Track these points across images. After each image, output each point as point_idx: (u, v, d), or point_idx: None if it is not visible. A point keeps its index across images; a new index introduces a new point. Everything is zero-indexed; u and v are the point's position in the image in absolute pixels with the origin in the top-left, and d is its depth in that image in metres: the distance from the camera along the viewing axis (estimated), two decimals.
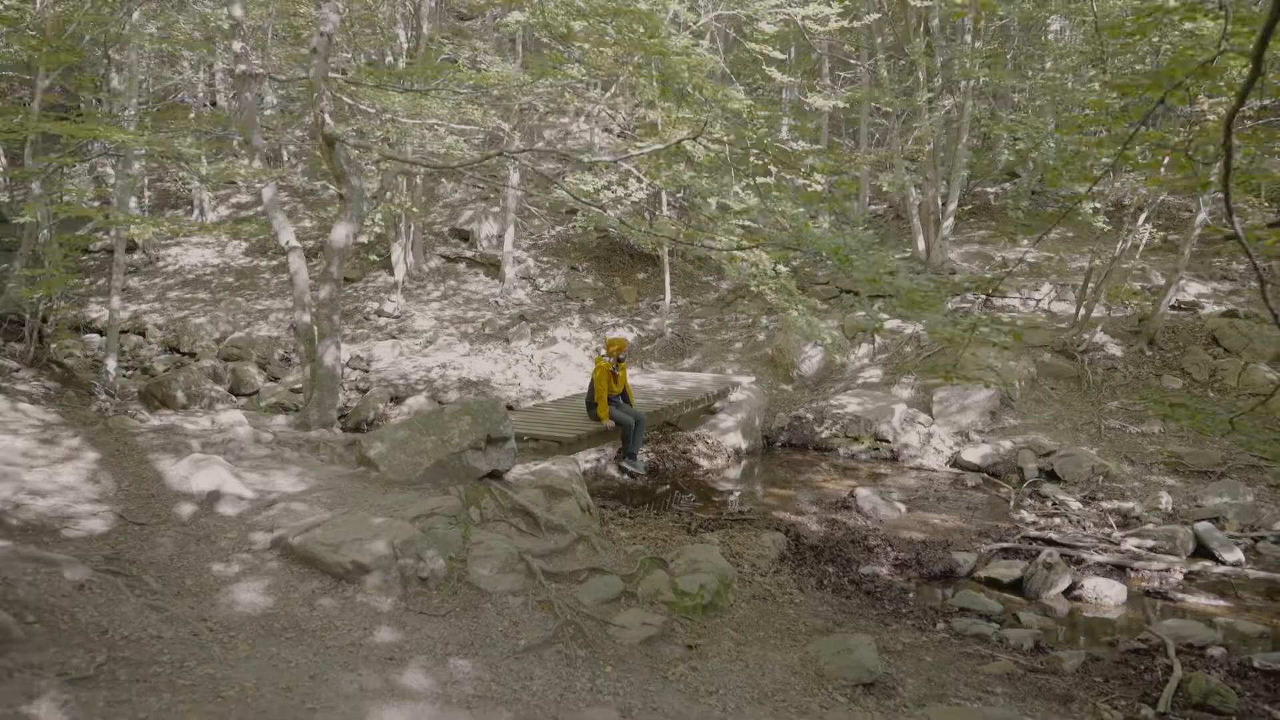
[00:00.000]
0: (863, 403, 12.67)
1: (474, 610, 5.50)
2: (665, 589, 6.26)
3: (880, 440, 12.15)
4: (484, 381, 15.33)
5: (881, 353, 14.23)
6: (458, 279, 20.06)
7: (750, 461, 12.16)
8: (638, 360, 16.12)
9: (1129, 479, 10.18)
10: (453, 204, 23.08)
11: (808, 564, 7.91)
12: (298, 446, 8.01)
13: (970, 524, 9.26)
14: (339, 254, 9.36)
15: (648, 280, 19.76)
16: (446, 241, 21.40)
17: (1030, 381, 12.62)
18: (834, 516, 9.37)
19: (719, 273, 20.09)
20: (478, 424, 7.16)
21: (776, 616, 6.51)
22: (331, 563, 5.52)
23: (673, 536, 8.16)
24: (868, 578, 7.72)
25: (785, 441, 12.79)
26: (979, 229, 18.17)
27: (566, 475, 7.76)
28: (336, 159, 8.98)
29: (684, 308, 18.09)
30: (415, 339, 17.17)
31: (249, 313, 18.84)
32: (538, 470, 8.05)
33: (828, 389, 13.75)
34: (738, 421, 12.36)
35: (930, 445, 11.91)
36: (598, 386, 9.71)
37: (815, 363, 14.04)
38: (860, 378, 13.85)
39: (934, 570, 7.95)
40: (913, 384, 13.17)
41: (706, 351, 15.84)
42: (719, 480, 11.20)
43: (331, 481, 7.06)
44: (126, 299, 20.52)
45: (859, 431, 12.31)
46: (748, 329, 16.27)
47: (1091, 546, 8.33)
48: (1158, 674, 5.92)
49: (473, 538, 6.22)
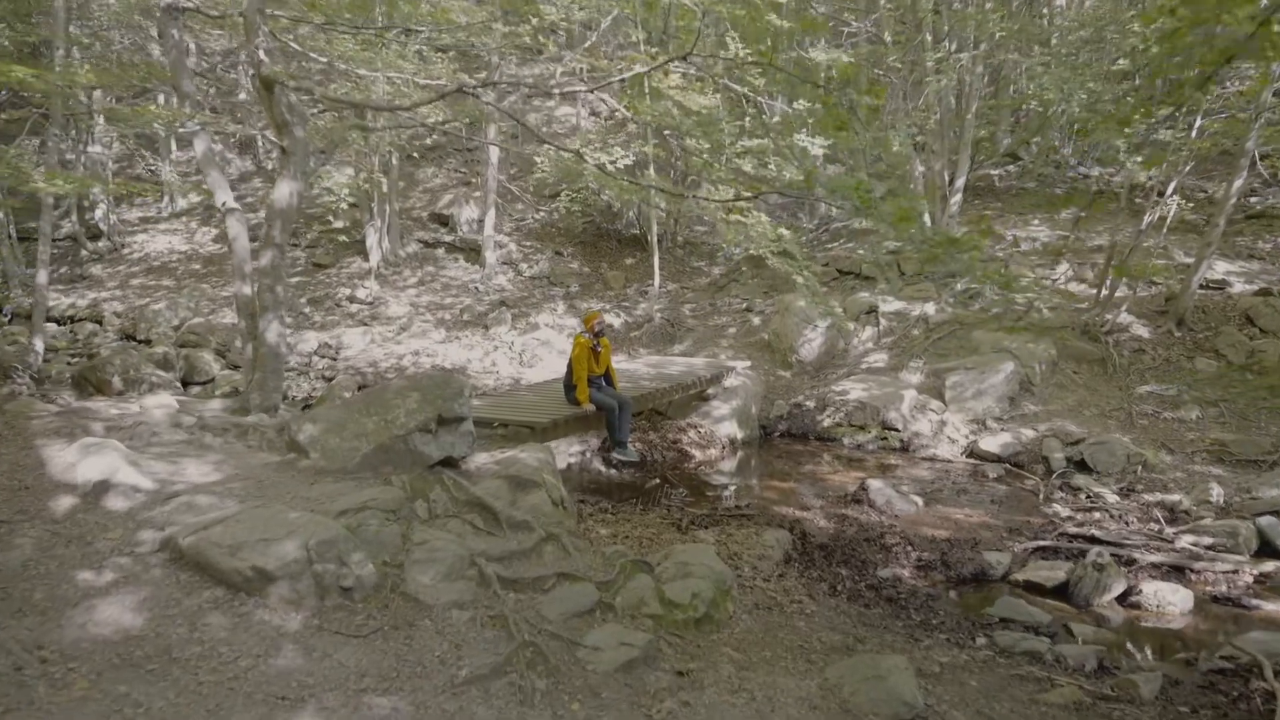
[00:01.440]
0: (868, 389, 11.50)
1: (407, 629, 4.30)
2: (650, 599, 5.07)
3: (889, 429, 10.98)
4: (459, 369, 14.13)
5: (887, 335, 13.07)
6: (436, 265, 18.84)
7: (747, 452, 10.99)
8: (625, 346, 14.93)
9: (1169, 469, 9.04)
10: (433, 189, 21.86)
11: (817, 566, 6.73)
12: (223, 431, 6.80)
13: (998, 519, 8.10)
14: (281, 216, 8.14)
15: (636, 266, 18.59)
16: (426, 227, 20.18)
17: (1051, 364, 11.47)
18: (844, 512, 8.20)
19: (710, 258, 18.95)
20: (427, 402, 5.96)
21: (785, 631, 5.33)
22: (227, 569, 4.32)
23: (661, 535, 6.97)
24: (888, 582, 6.54)
25: (784, 431, 11.62)
26: (984, 209, 17.03)
27: (536, 464, 6.56)
28: (276, 105, 7.76)
29: (674, 293, 16.91)
30: (388, 326, 15.95)
31: (213, 299, 17.57)
32: (504, 459, 6.85)
33: (829, 375, 12.59)
34: (733, 409, 11.19)
35: (944, 434, 10.75)
36: (576, 366, 8.52)
37: (816, 346, 12.86)
38: (864, 362, 12.69)
39: (964, 573, 6.78)
40: (922, 368, 12.02)
41: (698, 337, 14.66)
42: (713, 473, 10.02)
43: (254, 470, 5.85)
44: (88, 286, 19.28)
45: (865, 420, 11.14)
46: (742, 313, 15.09)
47: (1141, 545, 7.18)
48: (1255, 701, 4.76)
49: (415, 537, 5.02)
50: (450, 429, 6.04)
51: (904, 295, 13.89)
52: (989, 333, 12.07)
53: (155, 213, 22.88)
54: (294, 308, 17.04)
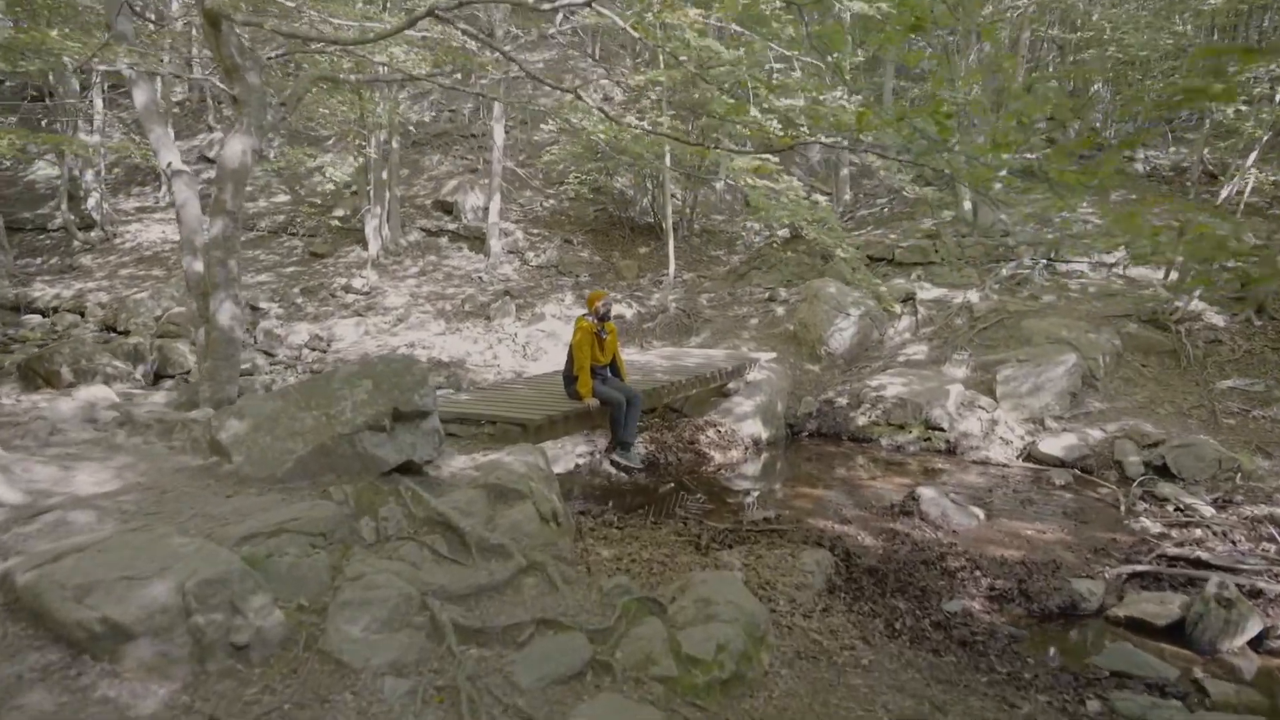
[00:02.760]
0: (908, 384, 10.14)
1: (316, 708, 3.01)
2: (661, 653, 3.76)
3: (932, 428, 9.62)
4: (458, 362, 12.87)
5: (926, 325, 11.70)
6: (438, 254, 17.61)
7: (772, 454, 9.66)
8: (637, 338, 13.62)
9: (1270, 476, 7.64)
10: (438, 176, 20.64)
11: (868, 596, 5.39)
12: (144, 429, 5.54)
13: (1077, 537, 6.73)
14: (233, 177, 6.89)
15: (650, 255, 17.29)
16: (429, 215, 18.95)
17: (1115, 356, 10.08)
18: (892, 525, 6.86)
19: (729, 246, 17.64)
20: (381, 393, 4.68)
21: (839, 693, 4.00)
22: (69, 620, 3.05)
23: (676, 557, 5.65)
24: (958, 618, 5.20)
25: (814, 430, 10.28)
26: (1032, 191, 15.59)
27: (523, 470, 5.27)
28: (224, 45, 6.50)
29: (691, 282, 15.59)
30: (384, 317, 14.72)
31: None
32: (485, 463, 5.57)
33: (863, 368, 11.23)
34: (756, 406, 9.86)
35: (995, 434, 9.38)
36: (577, 354, 7.23)
37: (847, 337, 11.50)
38: (902, 354, 11.32)
39: (1049, 605, 5.43)
40: (967, 361, 10.64)
41: (717, 329, 13.33)
42: (735, 477, 8.70)
43: (163, 478, 4.58)
44: (75, 277, 18.17)
45: (905, 418, 9.78)
46: (764, 303, 13.75)
47: (1263, 570, 5.81)
48: None
49: (350, 569, 3.73)
50: (410, 426, 4.77)
51: (942, 282, 12.51)
52: (1041, 321, 10.68)
53: (153, 202, 21.81)
54: (287, 298, 15.86)
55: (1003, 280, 11.90)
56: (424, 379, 4.83)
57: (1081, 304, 11.20)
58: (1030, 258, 12.27)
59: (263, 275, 17.08)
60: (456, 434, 6.83)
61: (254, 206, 20.56)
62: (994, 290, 11.75)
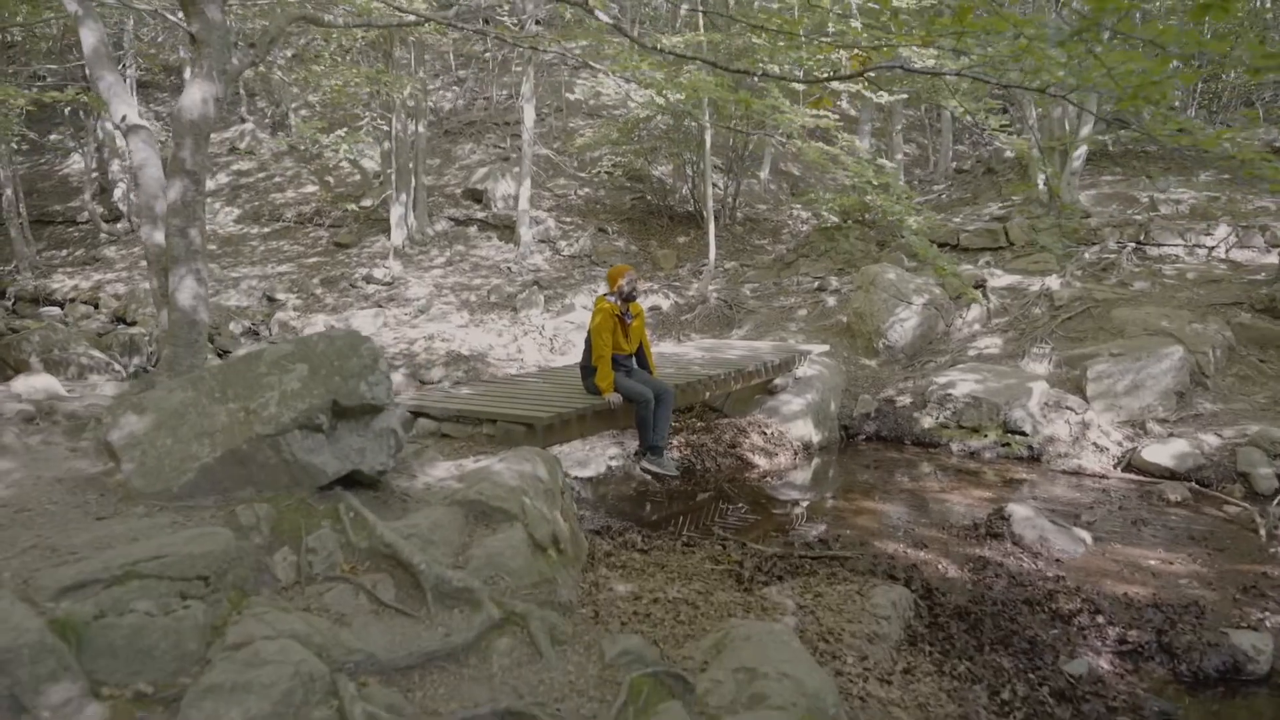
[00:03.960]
0: (982, 380, 8.76)
1: None
2: None
3: (1012, 431, 8.23)
4: (479, 355, 11.75)
5: (998, 315, 10.28)
6: (466, 243, 16.54)
7: (825, 460, 8.36)
8: (674, 330, 12.39)
9: None
10: (470, 165, 19.58)
11: (960, 651, 4.09)
12: (48, 427, 4.46)
13: (1213, 569, 5.33)
14: (192, 131, 5.78)
15: (690, 244, 16.02)
16: (459, 204, 17.90)
17: (1226, 350, 8.59)
18: (978, 551, 5.53)
19: (775, 235, 16.31)
20: (317, 381, 3.50)
21: None
22: None
23: (712, 594, 4.39)
24: (1086, 685, 3.88)
25: (872, 433, 8.95)
26: (1103, 174, 14.05)
27: (515, 482, 4.06)
28: None
29: (733, 272, 14.30)
30: (405, 308, 13.67)
31: (221, 280, 15.53)
32: (471, 472, 4.38)
33: (927, 364, 9.86)
34: (807, 405, 8.56)
35: (1087, 439, 7.97)
36: (596, 340, 6.01)
37: (909, 329, 10.13)
38: (972, 348, 9.92)
39: (1204, 667, 4.07)
40: (1049, 355, 9.21)
41: (761, 320, 12.03)
42: (782, 485, 7.43)
43: (36, 489, 3.46)
44: (96, 269, 17.46)
45: (979, 419, 8.41)
46: (813, 293, 12.41)
47: None
48: None
49: (234, 632, 2.56)
50: (356, 426, 3.59)
51: (1013, 268, 11.06)
52: (1135, 310, 9.22)
53: None
54: (305, 289, 14.91)
55: (1086, 266, 10.42)
56: (374, 362, 3.64)
57: (1179, 291, 9.70)
58: (1116, 240, 10.76)
59: (284, 266, 16.18)
60: (450, 435, 5.66)
61: (281, 197, 19.75)
62: (1076, 276, 10.28)
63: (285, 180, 20.65)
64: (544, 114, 21.46)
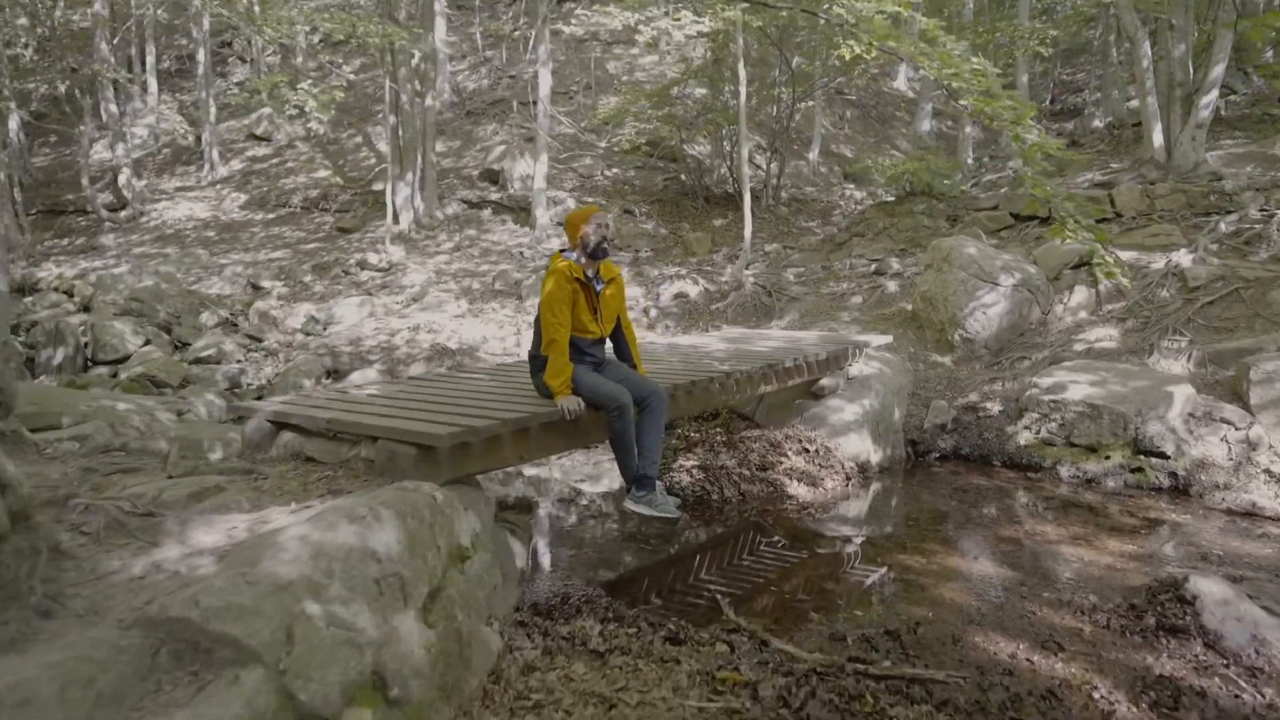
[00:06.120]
0: (1100, 382, 6.47)
1: None
2: None
3: (1145, 452, 5.95)
4: (470, 349, 9.80)
5: (1112, 300, 7.94)
6: (479, 226, 14.63)
7: (886, 485, 6.19)
8: (701, 320, 10.29)
9: None
10: (490, 146, 17.70)
11: None
12: None
13: None
14: None
15: (726, 228, 13.88)
16: (475, 185, 16.02)
17: None
18: (1148, 662, 3.33)
19: (824, 216, 14.09)
20: None
21: None
22: None
23: None
24: None
25: (949, 450, 6.74)
26: (1223, 138, 11.53)
27: (291, 575, 2.05)
28: None
29: (775, 254, 12.13)
30: (397, 296, 11.78)
31: (207, 266, 13.88)
32: (242, 546, 2.33)
33: (1018, 361, 7.58)
34: (864, 412, 6.39)
35: (1256, 465, 5.66)
36: (546, 316, 3.95)
37: (994, 316, 7.86)
38: (1078, 340, 7.61)
39: None
40: (1187, 350, 6.88)
41: (806, 309, 9.84)
42: (827, 525, 5.30)
43: None
44: (90, 257, 15.97)
45: (1098, 434, 6.14)
46: (869, 277, 10.18)
47: None
48: None
49: None
50: None
51: (1124, 242, 8.69)
52: None
53: (194, 181, 19.65)
54: (293, 276, 13.15)
55: (1223, 238, 8.03)
56: None
57: None
58: (1260, 207, 8.34)
59: (279, 252, 14.48)
60: (316, 458, 3.65)
61: (291, 182, 18.13)
62: (1211, 251, 7.90)
63: (298, 165, 19.05)
64: (572, 91, 19.52)
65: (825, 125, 19.23)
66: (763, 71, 14.45)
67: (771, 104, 14.76)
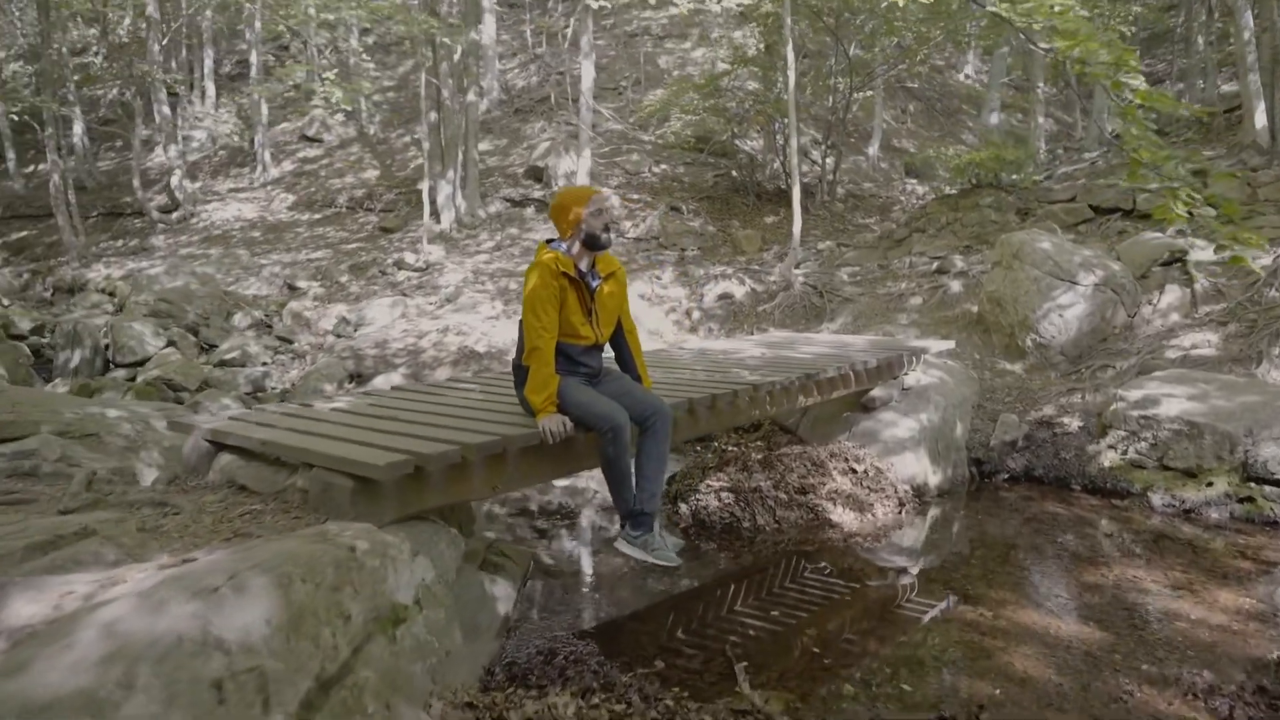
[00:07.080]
0: (1200, 396, 5.54)
1: None
2: None
3: (1258, 479, 5.02)
4: (501, 352, 9.23)
5: (1208, 302, 6.95)
6: (521, 225, 14.11)
7: (947, 512, 5.38)
8: (746, 323, 9.54)
9: None
10: (536, 144, 17.20)
11: None
12: None
13: None
14: None
15: (778, 226, 13.09)
16: (519, 184, 15.52)
17: None
18: None
19: (883, 212, 13.20)
20: None
21: None
22: None
23: None
24: None
25: (1020, 471, 5.89)
26: None
27: None
28: None
29: (828, 253, 11.30)
30: (430, 297, 11.30)
31: (247, 267, 13.67)
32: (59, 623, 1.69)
33: (1100, 370, 6.66)
34: (921, 428, 5.58)
35: None
36: (528, 318, 3.30)
37: (1073, 319, 6.93)
38: (1170, 347, 6.65)
39: None
40: None
41: (860, 310, 9.01)
42: (876, 555, 4.55)
43: None
44: (140, 258, 15.94)
45: (1198, 456, 5.23)
46: (930, 276, 9.29)
47: None
48: None
49: None
50: None
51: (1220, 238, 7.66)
52: None
53: (247, 183, 19.61)
54: (330, 276, 12.80)
55: None
56: None
57: None
58: None
59: (319, 252, 14.18)
60: (249, 487, 3.05)
61: (339, 183, 17.90)
62: None
63: (346, 166, 18.84)
64: (621, 87, 18.92)
65: (886, 119, 18.25)
66: (819, 62, 13.61)
67: (827, 95, 13.89)
